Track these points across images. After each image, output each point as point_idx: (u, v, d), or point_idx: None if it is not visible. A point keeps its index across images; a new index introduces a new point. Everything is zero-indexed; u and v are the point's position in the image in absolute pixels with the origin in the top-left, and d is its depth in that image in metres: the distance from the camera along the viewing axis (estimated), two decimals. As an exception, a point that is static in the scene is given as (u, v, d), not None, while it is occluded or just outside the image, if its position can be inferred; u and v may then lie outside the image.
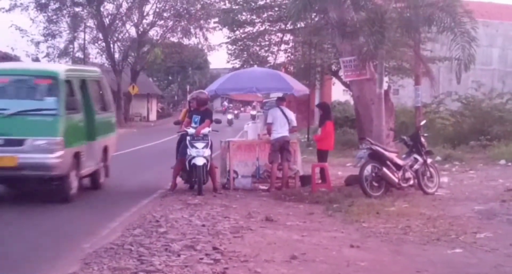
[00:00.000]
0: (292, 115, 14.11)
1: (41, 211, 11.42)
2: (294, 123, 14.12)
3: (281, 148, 13.71)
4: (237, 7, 30.23)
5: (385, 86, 14.17)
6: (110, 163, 14.70)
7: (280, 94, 14.96)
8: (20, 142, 11.35)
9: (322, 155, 14.69)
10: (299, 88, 15.02)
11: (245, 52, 31.18)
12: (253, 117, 37.91)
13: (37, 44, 48.31)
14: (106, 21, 49.71)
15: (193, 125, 13.22)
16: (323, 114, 15.08)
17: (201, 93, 13.99)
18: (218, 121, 14.21)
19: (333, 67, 27.91)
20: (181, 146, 13.35)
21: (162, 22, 52.01)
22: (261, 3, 29.51)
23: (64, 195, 11.91)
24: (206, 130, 13.13)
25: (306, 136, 29.47)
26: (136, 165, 20.47)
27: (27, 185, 12.51)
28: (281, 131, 13.75)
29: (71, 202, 11.99)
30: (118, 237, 8.60)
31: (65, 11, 48.47)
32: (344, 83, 25.85)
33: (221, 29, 33.89)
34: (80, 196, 12.73)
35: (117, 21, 50.31)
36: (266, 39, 30.73)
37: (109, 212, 11.14)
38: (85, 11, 48.45)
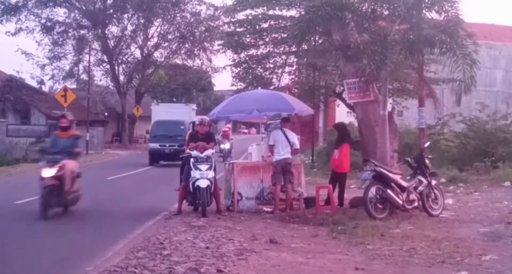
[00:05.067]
0: (294, 138, 14.10)
1: (44, 232, 11.42)
2: (297, 146, 14.11)
3: (283, 170, 13.71)
4: (241, 29, 30.42)
5: (389, 107, 14.19)
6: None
7: (284, 115, 14.94)
8: None
9: (340, 179, 14.61)
10: (301, 108, 15.00)
11: (250, 75, 31.30)
12: (224, 155, 30.00)
13: (43, 67, 48.66)
14: (111, 43, 50.11)
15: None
16: (340, 136, 15.03)
17: (202, 119, 13.88)
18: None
19: (337, 89, 28.02)
20: (185, 169, 13.35)
21: (166, 44, 52.36)
22: (265, 26, 29.68)
23: None
24: (209, 152, 13.17)
25: (311, 157, 29.48)
26: (139, 187, 20.49)
27: None
28: (283, 153, 13.76)
29: (74, 224, 11.97)
30: (122, 259, 8.58)
31: (70, 34, 48.89)
32: (348, 105, 25.91)
33: (224, 52, 34.11)
34: (84, 217, 12.71)
35: (122, 43, 50.68)
36: (270, 62, 30.86)
37: (112, 234, 11.13)
38: (90, 33, 48.86)
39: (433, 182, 13.32)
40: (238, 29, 30.89)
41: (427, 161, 13.45)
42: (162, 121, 32.58)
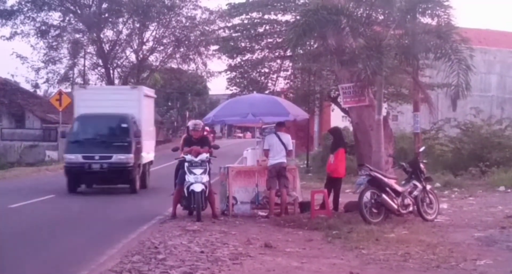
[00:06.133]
0: (288, 139, 14.06)
1: (38, 236, 11.39)
2: (290, 147, 14.07)
3: (278, 174, 13.70)
4: (236, 34, 30.45)
5: (384, 112, 14.20)
6: None
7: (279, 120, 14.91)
8: None
9: (335, 183, 14.58)
10: (296, 113, 15.00)
11: (245, 79, 31.29)
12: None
13: (38, 70, 48.56)
14: (106, 47, 50.02)
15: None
16: (335, 140, 15.03)
17: (195, 125, 13.85)
18: (216, 147, 14.20)
19: (332, 94, 27.99)
20: (180, 174, 13.34)
21: (161, 48, 52.31)
22: (260, 30, 29.70)
23: None
24: (204, 156, 13.16)
25: (306, 162, 29.47)
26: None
27: None
28: (277, 157, 13.74)
29: (68, 229, 11.95)
30: (117, 263, 8.55)
31: (65, 38, 48.81)
32: (343, 110, 25.89)
33: (219, 57, 34.09)
34: (78, 221, 12.68)
35: (117, 47, 50.62)
36: (266, 66, 30.87)
37: (107, 238, 11.11)
38: (85, 37, 48.78)
39: (428, 187, 13.33)
40: (233, 34, 30.91)
41: (422, 165, 13.46)
42: (90, 116, 20.09)
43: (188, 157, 13.11)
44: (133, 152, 19.12)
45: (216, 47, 36.79)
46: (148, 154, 21.72)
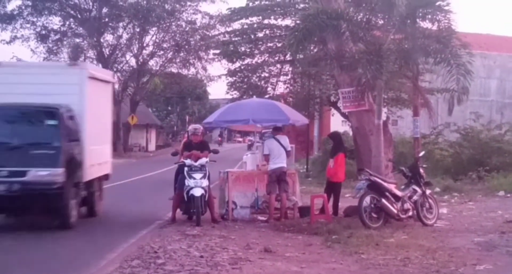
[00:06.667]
0: (286, 141, 14.05)
1: (38, 241, 11.38)
2: (288, 148, 14.07)
3: (278, 179, 13.70)
4: (236, 39, 30.48)
5: (383, 117, 14.21)
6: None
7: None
8: None
9: (335, 188, 14.56)
10: (296, 118, 15.00)
11: (245, 83, 31.29)
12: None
13: (37, 74, 48.48)
14: (106, 51, 50.07)
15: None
16: (335, 145, 15.03)
17: (195, 129, 13.88)
18: (216, 152, 14.20)
19: (332, 98, 28.02)
20: (179, 178, 13.34)
21: (161, 52, 52.36)
22: (260, 35, 29.74)
23: None
24: (203, 160, 13.17)
25: (305, 166, 29.46)
26: (134, 196, 20.42)
27: None
28: (277, 161, 13.73)
29: (68, 233, 11.94)
30: (116, 268, 8.54)
31: (65, 42, 48.85)
32: (343, 114, 25.91)
33: (219, 61, 34.10)
34: (77, 226, 12.68)
35: (117, 52, 50.66)
36: (266, 70, 30.88)
37: (106, 243, 11.08)
38: (86, 42, 48.83)
39: (428, 192, 13.34)
40: (233, 38, 30.95)
41: (421, 170, 13.47)
42: None
43: (188, 161, 13.12)
44: (63, 164, 12.15)
45: (216, 51, 36.78)
46: (98, 165, 14.76)
